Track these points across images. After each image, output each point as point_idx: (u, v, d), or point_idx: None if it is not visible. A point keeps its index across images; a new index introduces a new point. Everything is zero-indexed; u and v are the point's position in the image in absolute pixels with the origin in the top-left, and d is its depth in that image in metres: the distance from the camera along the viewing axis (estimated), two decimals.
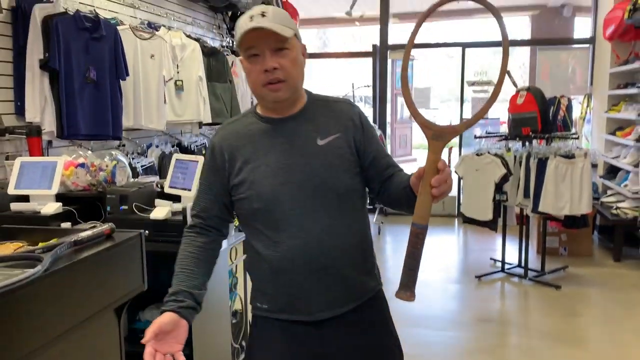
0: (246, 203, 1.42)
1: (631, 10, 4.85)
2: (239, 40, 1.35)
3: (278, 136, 1.43)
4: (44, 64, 3.02)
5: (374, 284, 1.52)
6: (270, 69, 1.34)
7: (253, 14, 1.34)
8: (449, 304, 4.06)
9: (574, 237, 5.12)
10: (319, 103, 1.49)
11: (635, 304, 4.02)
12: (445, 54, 17.81)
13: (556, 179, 4.22)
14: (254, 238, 1.45)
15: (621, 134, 5.40)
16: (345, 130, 1.45)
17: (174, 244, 2.11)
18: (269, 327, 1.48)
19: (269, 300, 1.46)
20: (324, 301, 1.42)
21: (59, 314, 1.43)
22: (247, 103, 5.79)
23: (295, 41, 1.39)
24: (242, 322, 2.86)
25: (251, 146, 1.43)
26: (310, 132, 1.43)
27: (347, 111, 1.49)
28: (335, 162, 1.42)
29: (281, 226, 1.39)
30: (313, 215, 1.39)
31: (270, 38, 1.32)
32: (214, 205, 1.48)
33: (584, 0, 8.13)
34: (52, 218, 2.17)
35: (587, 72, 6.55)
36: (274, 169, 1.40)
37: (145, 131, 4.09)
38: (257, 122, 1.46)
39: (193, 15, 5.11)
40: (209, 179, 1.49)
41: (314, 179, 1.39)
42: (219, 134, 1.50)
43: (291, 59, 1.37)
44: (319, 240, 1.38)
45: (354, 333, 1.46)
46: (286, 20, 1.37)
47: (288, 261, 1.39)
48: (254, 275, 1.52)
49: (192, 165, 2.30)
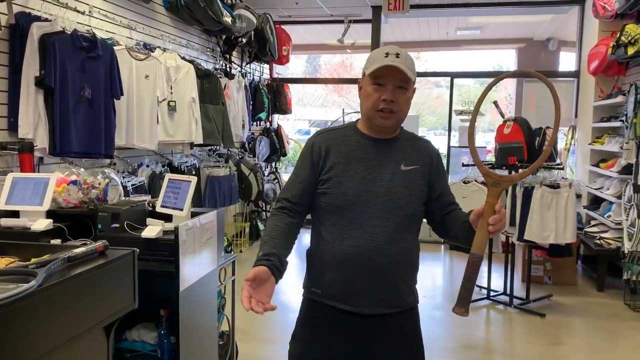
0: (329, 198, 1.64)
1: (614, 47, 5.01)
2: (372, 70, 1.58)
3: (370, 152, 1.66)
4: (40, 81, 3.05)
5: (412, 298, 1.73)
6: (389, 100, 1.59)
7: (389, 52, 1.59)
8: (434, 330, 4.07)
9: (558, 266, 5.17)
10: (408, 136, 1.76)
11: (618, 333, 4.06)
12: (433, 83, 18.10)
13: (541, 208, 4.30)
14: (325, 229, 1.66)
15: (605, 165, 5.52)
16: (424, 164, 1.70)
17: (165, 263, 2.14)
18: (317, 310, 1.68)
19: (325, 287, 1.66)
20: (372, 299, 1.62)
21: (50, 331, 1.42)
22: (238, 125, 5.84)
23: (412, 85, 1.64)
24: (229, 343, 2.84)
25: (346, 152, 1.66)
26: (398, 157, 1.67)
27: (428, 149, 1.75)
28: (411, 187, 1.65)
29: (353, 226, 1.61)
30: (381, 224, 1.61)
31: (397, 76, 1.58)
32: (305, 195, 1.68)
33: (569, 35, 8.37)
34: (42, 234, 2.16)
35: (572, 105, 6.70)
36: (360, 177, 1.63)
37: (136, 150, 4.11)
38: (356, 135, 1.70)
39: (188, 38, 5.19)
40: (303, 171, 1.69)
41: (390, 196, 1.62)
42: (319, 135, 1.74)
43: (406, 97, 1.63)
44: (381, 247, 1.60)
45: (390, 334, 1.66)
46: (413, 67, 1.62)
47: (351, 257, 1.60)
48: (315, 262, 1.70)
49: (185, 185, 2.32)
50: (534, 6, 6.73)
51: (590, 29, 6.18)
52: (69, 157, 3.36)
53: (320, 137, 1.73)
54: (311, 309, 1.71)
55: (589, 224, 5.75)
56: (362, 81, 1.66)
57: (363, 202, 1.61)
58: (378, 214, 1.61)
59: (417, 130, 8.25)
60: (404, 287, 1.68)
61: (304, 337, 1.71)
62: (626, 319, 4.33)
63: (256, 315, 1.43)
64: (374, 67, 1.59)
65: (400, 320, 1.69)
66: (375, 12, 6.91)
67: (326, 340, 1.66)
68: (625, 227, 4.60)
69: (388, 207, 1.61)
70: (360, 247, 1.60)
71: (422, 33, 8.88)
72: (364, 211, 1.61)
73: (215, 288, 2.59)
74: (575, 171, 6.68)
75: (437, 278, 5.53)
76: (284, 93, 7.33)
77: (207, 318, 2.53)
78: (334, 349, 1.66)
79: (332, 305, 1.65)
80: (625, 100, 4.96)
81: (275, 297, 1.77)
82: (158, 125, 4.09)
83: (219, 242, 2.57)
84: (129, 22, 4.14)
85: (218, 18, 4.90)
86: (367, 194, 1.61)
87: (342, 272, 1.62)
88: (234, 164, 5.82)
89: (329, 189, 1.64)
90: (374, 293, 1.62)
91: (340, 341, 1.65)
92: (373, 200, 1.61)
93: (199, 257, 2.33)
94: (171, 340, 2.28)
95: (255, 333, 3.73)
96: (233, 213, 6.45)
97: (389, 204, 1.61)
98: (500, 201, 1.48)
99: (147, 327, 2.37)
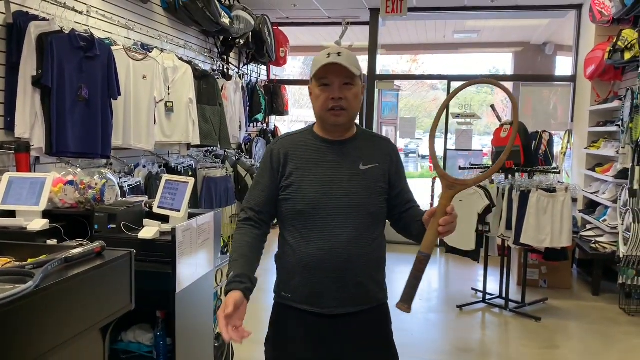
0: (290, 204, 1.65)
1: (611, 52, 5.03)
2: (316, 70, 1.61)
3: (328, 154, 1.68)
4: (37, 80, 3.04)
5: (381, 296, 1.75)
6: (337, 98, 1.61)
7: (330, 52, 1.61)
8: (430, 333, 4.07)
9: (554, 270, 5.19)
10: (366, 135, 1.77)
11: (613, 337, 4.07)
12: (430, 86, 18.14)
13: (538, 212, 4.31)
14: (290, 235, 1.68)
15: (600, 170, 5.54)
16: (383, 162, 1.72)
17: (162, 264, 2.14)
18: (289, 315, 1.70)
19: (293, 291, 1.67)
20: (340, 298, 1.64)
21: (46, 332, 1.42)
22: (235, 126, 5.83)
23: (359, 81, 1.66)
24: (225, 345, 2.84)
25: (304, 157, 1.68)
26: (355, 157, 1.69)
27: (387, 147, 1.77)
28: (371, 186, 1.67)
29: (316, 229, 1.63)
30: (344, 225, 1.63)
31: (341, 73, 1.60)
32: (267, 203, 1.70)
33: (565, 40, 8.40)
34: (38, 235, 2.16)
35: (568, 109, 6.72)
36: (319, 180, 1.65)
37: (132, 151, 4.10)
38: (313, 139, 1.72)
39: (185, 39, 5.18)
40: (264, 179, 1.71)
41: (351, 196, 1.64)
42: (278, 141, 1.75)
43: (354, 93, 1.64)
44: (345, 247, 1.62)
45: (360, 331, 1.68)
46: (356, 62, 1.64)
47: (316, 259, 1.62)
48: (283, 267, 1.71)
49: (182, 186, 2.31)
50: (531, 10, 6.75)
51: (587, 34, 6.21)
52: (66, 157, 3.35)
53: (278, 143, 1.74)
54: (282, 313, 1.73)
55: (584, 228, 5.77)
56: (311, 86, 1.68)
57: (324, 205, 1.62)
58: (340, 216, 1.63)
59: (414, 133, 8.27)
60: (371, 285, 1.70)
61: (277, 340, 1.74)
62: (621, 323, 4.34)
63: (252, 317, 1.44)
64: (317, 68, 1.61)
65: (370, 318, 1.71)
66: (373, 14, 6.92)
67: (298, 343, 1.68)
68: (621, 232, 4.62)
69: (349, 207, 1.63)
70: (325, 249, 1.61)
71: (420, 36, 8.90)
72: (326, 214, 1.62)
73: (211, 289, 2.59)
74: (571, 175, 6.70)
75: (432, 281, 5.54)
76: (281, 94, 7.33)
77: (203, 320, 2.52)
78: (306, 351, 1.68)
79: (301, 308, 1.67)
80: (622, 105, 4.98)
81: (270, 299, 1.76)
82: (155, 126, 4.09)
83: (216, 243, 2.57)
84: (127, 22, 4.14)
85: (216, 19, 4.90)
86: (327, 197, 1.63)
87: (309, 276, 1.64)
88: (231, 165, 5.81)
89: (290, 195, 1.66)
90: (341, 293, 1.64)
91: (312, 343, 1.67)
92: (333, 202, 1.63)
93: (195, 259, 2.32)
94: (167, 342, 2.27)
95: (251, 335, 3.70)
96: (229, 214, 6.43)
97: (350, 205, 1.63)
98: (452, 204, 1.50)
99: (143, 329, 2.36)
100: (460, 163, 5.46)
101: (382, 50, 8.35)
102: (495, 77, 12.37)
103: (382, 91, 8.42)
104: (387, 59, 14.85)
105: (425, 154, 17.03)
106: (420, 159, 18.18)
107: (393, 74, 13.96)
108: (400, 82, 11.04)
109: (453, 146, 7.34)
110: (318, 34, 8.72)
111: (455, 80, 7.28)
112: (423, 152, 18.16)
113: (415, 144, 17.99)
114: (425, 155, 17.65)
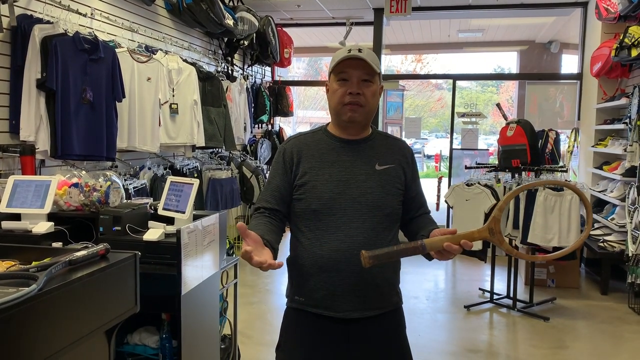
0: (304, 203, 1.61)
1: (618, 49, 4.99)
2: (335, 65, 1.59)
3: (343, 154, 1.64)
4: (41, 83, 3.04)
5: (396, 299, 1.71)
6: (354, 93, 1.57)
7: (351, 48, 1.59)
8: (437, 334, 4.04)
9: (561, 269, 5.15)
10: (381, 136, 1.73)
11: (622, 337, 4.03)
12: (435, 86, 18.08)
13: (545, 210, 4.28)
14: (303, 236, 1.63)
15: (608, 168, 5.49)
16: (399, 163, 1.68)
17: (167, 266, 2.13)
18: (302, 320, 1.65)
19: (307, 294, 1.63)
20: (355, 301, 1.60)
21: (51, 335, 1.41)
22: (240, 127, 5.83)
23: (378, 80, 1.63)
24: (231, 347, 2.83)
25: (318, 156, 1.64)
26: (371, 157, 1.65)
27: (403, 148, 1.73)
28: (387, 186, 1.64)
29: (331, 230, 1.58)
30: (360, 226, 1.58)
31: (361, 69, 1.57)
32: (280, 202, 1.65)
33: (571, 37, 8.35)
34: (43, 237, 2.15)
35: (574, 107, 6.68)
36: (335, 180, 1.60)
37: (137, 153, 4.10)
38: (327, 138, 1.68)
39: (190, 41, 5.18)
40: (276, 178, 1.66)
41: (367, 196, 1.60)
42: (290, 141, 1.71)
43: (372, 91, 1.61)
44: (361, 249, 1.50)
45: (375, 336, 1.64)
46: (376, 60, 1.61)
47: (332, 261, 1.58)
48: (296, 270, 1.67)
49: (187, 187, 2.31)
50: (536, 8, 6.71)
51: (593, 31, 6.17)
52: (71, 159, 3.35)
53: (291, 142, 1.70)
54: (296, 318, 1.68)
55: (592, 227, 5.73)
56: (329, 81, 1.65)
57: (339, 205, 1.59)
58: (356, 216, 1.59)
59: (419, 133, 8.24)
60: (386, 288, 1.66)
61: (290, 346, 1.68)
62: (630, 323, 4.30)
63: (259, 319, 1.41)
64: (335, 62, 1.59)
65: (385, 322, 1.67)
66: (377, 14, 6.90)
67: (313, 348, 1.64)
68: (629, 230, 4.58)
69: (365, 208, 1.59)
70: (340, 251, 1.57)
71: (424, 35, 8.88)
72: (342, 214, 1.59)
73: (217, 291, 2.58)
74: (578, 174, 6.66)
75: (439, 282, 5.50)
76: (285, 95, 7.32)
77: (209, 321, 2.51)
78: (321, 357, 1.63)
79: (315, 312, 1.63)
80: (629, 102, 4.94)
81: (277, 301, 1.75)
82: (160, 128, 4.09)
83: (221, 245, 2.56)
84: (131, 25, 4.14)
85: (220, 20, 4.89)
86: (343, 197, 1.59)
87: (324, 278, 1.59)
88: (236, 166, 5.81)
89: (304, 194, 1.61)
90: (357, 296, 1.60)
91: (327, 348, 1.63)
92: (349, 202, 1.59)
93: (200, 260, 2.31)
94: (173, 344, 2.26)
95: (257, 337, 3.70)
96: (235, 216, 6.43)
97: (366, 205, 1.59)
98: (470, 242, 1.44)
99: (148, 331, 2.36)
100: (466, 162, 5.43)
101: (387, 50, 8.33)
102: (501, 76, 12.34)
103: (387, 91, 8.42)
104: (391, 58, 14.83)
105: (431, 154, 16.96)
106: (425, 158, 18.14)
107: (398, 74, 13.95)
108: (405, 81, 11.02)
109: (459, 146, 7.32)
110: (322, 35, 8.71)
111: (460, 79, 7.26)
112: (428, 152, 18.12)
113: (420, 144, 17.94)
114: (430, 155, 17.59)
